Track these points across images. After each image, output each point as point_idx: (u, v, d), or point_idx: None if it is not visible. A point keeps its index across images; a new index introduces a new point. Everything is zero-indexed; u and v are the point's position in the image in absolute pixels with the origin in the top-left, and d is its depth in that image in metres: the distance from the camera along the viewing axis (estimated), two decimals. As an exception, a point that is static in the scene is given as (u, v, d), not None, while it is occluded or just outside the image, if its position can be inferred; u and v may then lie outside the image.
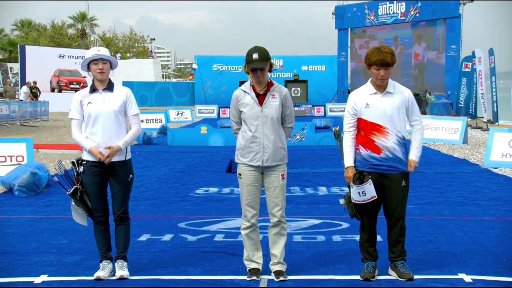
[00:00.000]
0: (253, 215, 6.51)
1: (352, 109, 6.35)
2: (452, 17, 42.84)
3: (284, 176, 6.53)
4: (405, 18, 46.35)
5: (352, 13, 50.14)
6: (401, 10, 46.59)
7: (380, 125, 6.20)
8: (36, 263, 7.07)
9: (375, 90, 6.29)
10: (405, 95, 6.35)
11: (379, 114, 6.20)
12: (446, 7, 43.11)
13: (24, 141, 13.69)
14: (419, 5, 45.07)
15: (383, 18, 48.03)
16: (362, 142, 6.29)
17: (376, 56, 6.13)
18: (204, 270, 6.76)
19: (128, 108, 6.64)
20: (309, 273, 6.63)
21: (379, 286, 6.20)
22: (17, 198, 11.33)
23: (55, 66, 51.21)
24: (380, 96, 6.26)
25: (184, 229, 8.78)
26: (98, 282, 6.35)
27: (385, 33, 48.50)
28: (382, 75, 6.16)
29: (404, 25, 46.94)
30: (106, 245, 6.69)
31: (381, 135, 6.21)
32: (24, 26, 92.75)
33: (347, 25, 50.71)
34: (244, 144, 6.45)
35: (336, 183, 13.11)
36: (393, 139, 6.21)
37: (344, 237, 8.25)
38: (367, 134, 6.26)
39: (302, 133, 21.90)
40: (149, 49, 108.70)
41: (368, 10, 48.89)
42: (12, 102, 34.39)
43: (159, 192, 12.21)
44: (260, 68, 6.31)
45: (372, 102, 6.24)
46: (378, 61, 6.11)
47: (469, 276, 6.43)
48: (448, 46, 42.64)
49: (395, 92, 6.30)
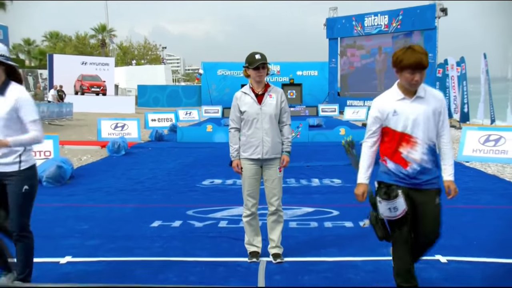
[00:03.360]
0: (253, 204, 6.49)
1: (376, 117, 4.95)
2: (429, 28, 42.96)
3: (281, 169, 6.51)
4: (388, 29, 46.36)
5: (341, 24, 50.08)
6: (385, 22, 46.57)
7: (409, 135, 4.81)
8: (61, 246, 7.06)
9: (403, 95, 4.85)
10: (439, 99, 4.90)
11: (408, 123, 4.79)
12: (423, 20, 43.19)
13: (51, 138, 13.71)
14: (400, 18, 45.14)
15: (368, 29, 47.98)
16: (389, 154, 4.95)
17: (410, 58, 4.69)
18: (210, 253, 6.75)
19: (23, 115, 5.02)
20: (303, 255, 6.62)
21: (365, 266, 6.18)
22: (44, 188, 11.32)
23: (79, 72, 51.45)
24: (410, 101, 4.82)
25: (192, 216, 8.76)
26: (115, 263, 6.33)
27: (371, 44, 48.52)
28: (417, 79, 4.71)
29: (387, 36, 46.96)
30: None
31: (409, 146, 4.82)
32: (52, 37, 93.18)
33: (337, 35, 50.62)
34: (244, 140, 6.44)
35: (327, 175, 13.08)
36: (422, 150, 4.81)
37: (335, 223, 8.23)
38: (394, 145, 4.88)
39: (297, 131, 21.86)
40: (161, 56, 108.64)
41: (356, 22, 48.84)
42: (41, 103, 34.48)
43: (169, 183, 12.19)
44: (262, 65, 6.32)
45: (400, 109, 4.82)
46: (414, 63, 4.67)
47: (444, 257, 6.43)
48: (426, 54, 42.67)
49: (426, 96, 4.84)
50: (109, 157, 16.96)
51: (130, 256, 6.60)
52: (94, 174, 13.46)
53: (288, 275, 5.93)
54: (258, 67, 6.32)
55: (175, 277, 5.79)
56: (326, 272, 6.02)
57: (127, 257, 6.55)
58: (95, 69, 54.00)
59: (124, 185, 11.91)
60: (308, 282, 5.73)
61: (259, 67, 6.32)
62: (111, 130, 22.66)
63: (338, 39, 50.90)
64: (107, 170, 14.12)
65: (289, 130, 6.60)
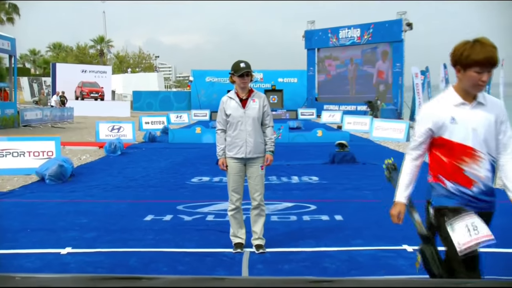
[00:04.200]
0: (237, 199, 6.50)
1: (429, 128, 3.75)
2: (397, 41, 43.21)
3: (263, 167, 6.51)
4: (361, 41, 46.52)
5: (318, 36, 50.08)
6: (357, 34, 46.71)
7: (471, 147, 3.63)
8: (62, 238, 7.01)
9: (462, 100, 3.67)
10: (499, 106, 3.76)
11: (469, 133, 3.64)
12: (391, 33, 43.41)
13: (53, 140, 13.60)
14: (371, 31, 45.37)
15: (343, 41, 48.06)
16: (447, 172, 3.71)
17: (480, 53, 3.49)
18: (198, 244, 6.73)
19: None
20: (283, 246, 6.62)
21: (339, 256, 6.19)
22: (47, 186, 11.25)
23: (79, 79, 51.29)
24: (470, 107, 3.66)
25: (182, 211, 8.73)
26: (112, 253, 6.30)
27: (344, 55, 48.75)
28: (484, 80, 3.56)
29: (358, 48, 47.23)
30: None
31: (472, 162, 3.64)
32: (55, 48, 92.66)
33: (314, 46, 50.63)
34: (230, 140, 6.44)
35: (306, 173, 13.09)
36: (487, 166, 3.66)
37: (312, 217, 8.24)
38: (453, 160, 3.68)
39: (279, 132, 21.84)
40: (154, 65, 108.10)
41: (331, 34, 48.88)
42: (44, 108, 34.32)
43: (161, 181, 12.14)
44: (247, 72, 6.31)
45: (459, 116, 3.65)
46: (484, 59, 3.49)
47: (411, 246, 6.44)
48: (394, 64, 42.98)
49: (486, 103, 3.70)
50: (106, 156, 16.88)
51: (125, 247, 6.57)
52: (92, 172, 13.39)
53: (269, 264, 5.93)
54: (243, 74, 6.32)
55: (166, 267, 5.80)
56: (305, 261, 6.03)
57: (122, 248, 6.52)
58: (94, 76, 53.78)
59: (120, 182, 11.85)
60: (288, 270, 5.73)
61: (244, 74, 6.32)
62: (108, 132, 22.53)
63: (315, 50, 51.02)
64: (104, 169, 14.04)
65: (272, 132, 6.61)
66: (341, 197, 10.00)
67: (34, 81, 63.28)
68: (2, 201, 9.59)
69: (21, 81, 59.73)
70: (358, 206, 9.12)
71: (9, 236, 7.10)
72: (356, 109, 44.72)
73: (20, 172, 12.74)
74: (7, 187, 11.17)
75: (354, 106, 45.45)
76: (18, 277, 1.46)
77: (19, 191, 10.75)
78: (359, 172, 13.29)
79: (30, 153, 13.11)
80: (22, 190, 10.80)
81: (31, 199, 9.79)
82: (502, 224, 7.78)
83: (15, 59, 31.68)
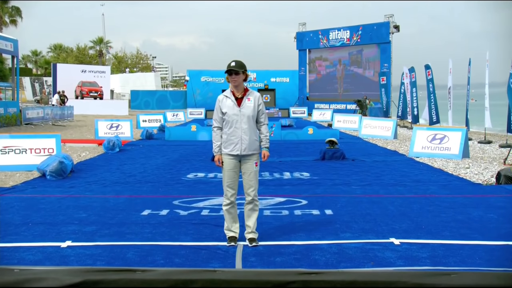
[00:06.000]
0: (232, 194, 6.48)
1: None
2: (384, 42, 43.27)
3: (257, 164, 6.50)
4: (350, 42, 46.55)
5: (309, 37, 50.13)
6: (346, 36, 46.76)
7: None
8: (63, 232, 6.98)
9: None
10: None
11: None
12: (379, 34, 43.49)
13: (54, 137, 13.56)
14: (360, 33, 45.41)
15: (333, 42, 48.10)
16: None
17: None
18: (193, 238, 6.71)
19: None
20: (275, 239, 6.60)
21: (329, 248, 6.19)
22: (48, 181, 11.20)
23: (79, 79, 51.08)
24: None
25: (178, 206, 8.71)
26: (110, 246, 6.27)
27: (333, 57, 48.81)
28: None
29: (345, 50, 47.31)
30: None
31: None
32: (56, 49, 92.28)
33: (305, 47, 50.67)
34: (225, 138, 6.42)
35: (297, 169, 13.10)
36: None
37: (303, 211, 8.24)
38: None
39: (271, 130, 21.85)
40: (151, 65, 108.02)
41: (322, 35, 48.91)
42: (46, 107, 34.17)
43: (158, 176, 12.11)
44: (234, 71, 6.28)
45: None
46: None
47: (397, 239, 6.46)
48: (382, 65, 43.05)
49: None
50: (105, 153, 16.83)
51: (123, 240, 6.54)
52: (92, 168, 13.34)
53: (262, 257, 5.92)
54: (231, 72, 6.31)
55: (162, 260, 5.78)
56: (296, 254, 6.02)
57: (120, 242, 6.49)
58: (93, 76, 53.56)
59: (118, 178, 11.82)
60: (280, 263, 5.72)
61: (232, 72, 6.31)
62: (107, 130, 22.46)
63: (306, 50, 51.05)
64: (103, 165, 13.99)
65: (267, 129, 6.61)
66: (331, 192, 10.00)
67: (36, 81, 63.01)
68: (5, 196, 9.54)
69: (23, 81, 59.51)
70: (347, 200, 9.12)
71: (11, 230, 7.06)
72: (345, 107, 44.81)
73: (22, 169, 12.71)
74: (9, 183, 11.12)
75: (344, 105, 45.55)
76: (16, 269, 1.45)
77: (21, 186, 10.70)
78: (348, 168, 13.31)
79: (32, 150, 13.07)
80: (24, 186, 10.76)
81: (33, 194, 9.74)
82: (481, 217, 7.83)
83: (17, 59, 31.59)
